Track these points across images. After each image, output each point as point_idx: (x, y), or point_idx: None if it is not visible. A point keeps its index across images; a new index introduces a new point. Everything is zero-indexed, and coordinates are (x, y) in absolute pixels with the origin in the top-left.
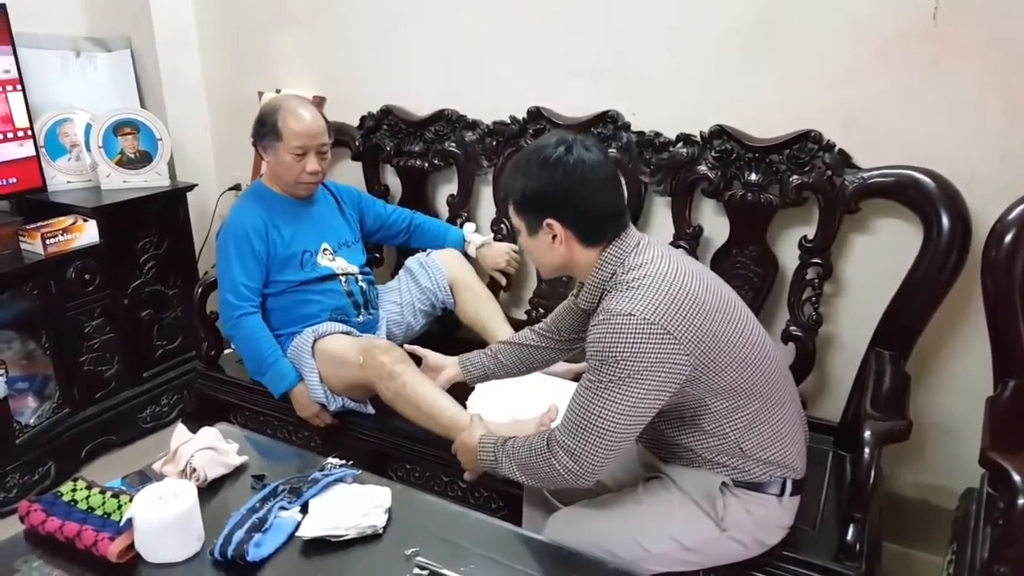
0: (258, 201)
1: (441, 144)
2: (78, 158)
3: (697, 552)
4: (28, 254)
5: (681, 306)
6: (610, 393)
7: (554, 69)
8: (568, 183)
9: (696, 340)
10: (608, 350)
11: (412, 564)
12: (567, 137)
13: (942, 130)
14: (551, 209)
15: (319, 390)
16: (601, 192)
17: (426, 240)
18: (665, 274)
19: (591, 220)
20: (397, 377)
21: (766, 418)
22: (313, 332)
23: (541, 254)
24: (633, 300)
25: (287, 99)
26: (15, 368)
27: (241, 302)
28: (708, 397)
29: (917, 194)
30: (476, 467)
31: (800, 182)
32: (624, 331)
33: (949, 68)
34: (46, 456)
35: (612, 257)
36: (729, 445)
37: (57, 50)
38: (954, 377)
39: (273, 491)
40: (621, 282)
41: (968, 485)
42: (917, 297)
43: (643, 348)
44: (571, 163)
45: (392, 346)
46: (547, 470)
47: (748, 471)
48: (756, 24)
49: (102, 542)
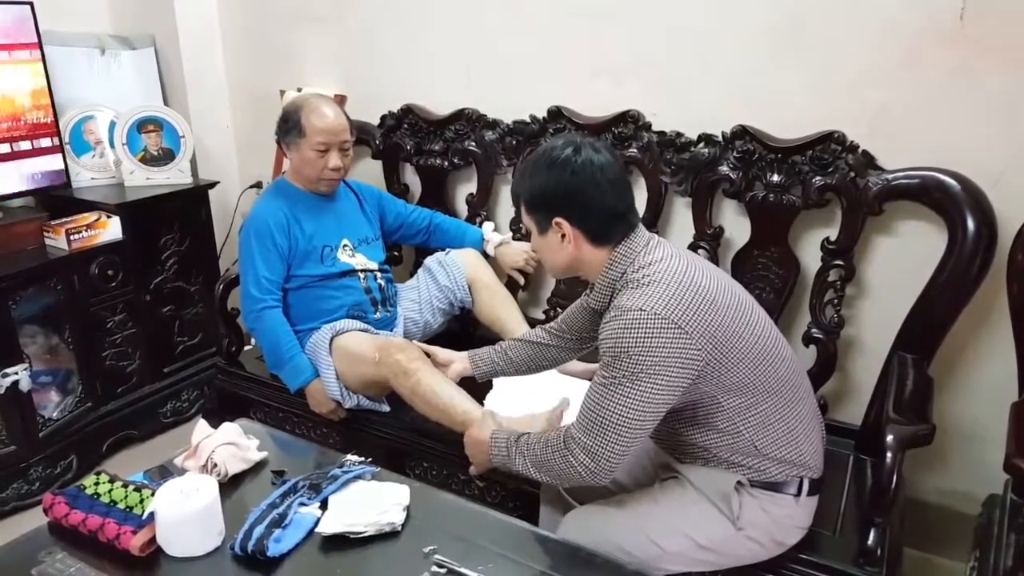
0: (281, 196)
1: (461, 143)
2: (102, 155)
3: (713, 551)
4: (52, 250)
5: (692, 301)
6: (624, 389)
7: (576, 68)
8: (576, 183)
9: (708, 335)
10: (620, 346)
11: (430, 562)
12: (575, 138)
13: (968, 132)
14: (559, 208)
15: (335, 387)
16: (609, 192)
17: (445, 240)
18: (675, 271)
19: (599, 220)
20: (412, 375)
21: (780, 416)
22: (331, 329)
23: (551, 254)
24: (644, 296)
25: (310, 97)
26: (39, 362)
27: (263, 295)
28: (721, 394)
29: (942, 196)
30: (485, 463)
31: (823, 183)
32: (636, 327)
33: (976, 69)
34: (69, 449)
35: (622, 256)
36: (743, 443)
37: (83, 48)
38: (978, 381)
39: (293, 487)
40: (632, 280)
41: (991, 491)
42: (941, 301)
43: (655, 343)
44: (579, 163)
45: (408, 344)
46: (563, 467)
47: (763, 470)
48: (783, 25)
49: (124, 535)
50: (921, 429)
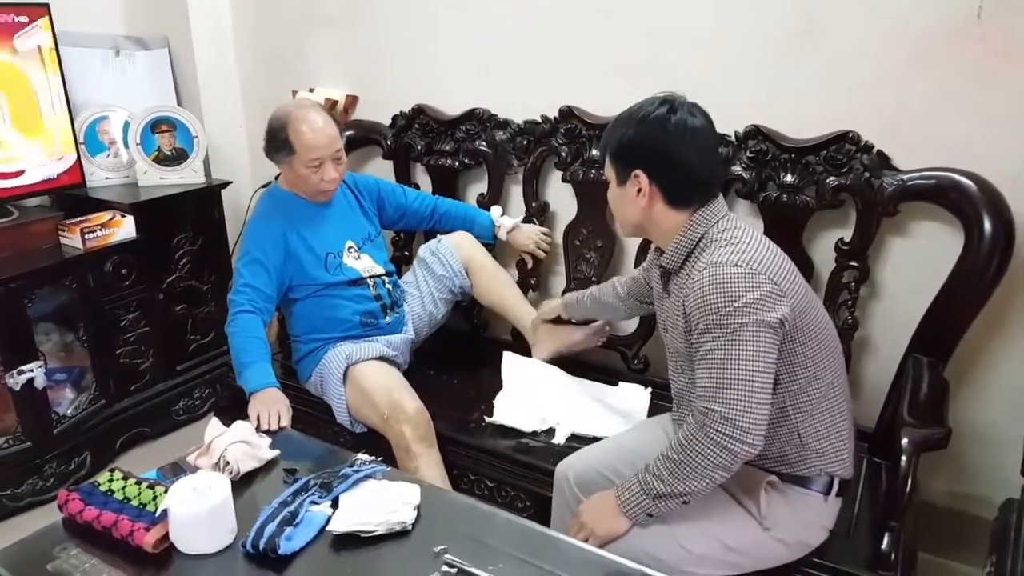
0: (276, 208)
1: (472, 143)
2: (116, 155)
3: (740, 553)
4: (67, 248)
5: (780, 264)
6: (737, 339)
7: (588, 68)
8: (664, 141)
9: (794, 298)
10: (719, 299)
11: (440, 562)
12: (673, 98)
13: (985, 132)
14: (641, 161)
15: (345, 416)
16: (695, 157)
17: (453, 226)
18: (760, 238)
19: (680, 181)
20: (414, 458)
21: (826, 407)
22: (346, 358)
23: (624, 207)
24: (736, 253)
25: (294, 110)
26: (53, 360)
27: (240, 299)
28: (783, 371)
29: (958, 197)
30: (612, 525)
31: (837, 184)
32: (733, 280)
33: (994, 69)
34: (82, 446)
35: (703, 219)
36: (787, 431)
37: (97, 48)
38: (994, 384)
39: (304, 485)
40: (718, 239)
41: (1008, 495)
42: (957, 303)
43: (756, 294)
44: (672, 122)
45: (419, 410)
46: (709, 454)
47: (800, 462)
48: (797, 24)
49: (137, 532)
50: (936, 432)
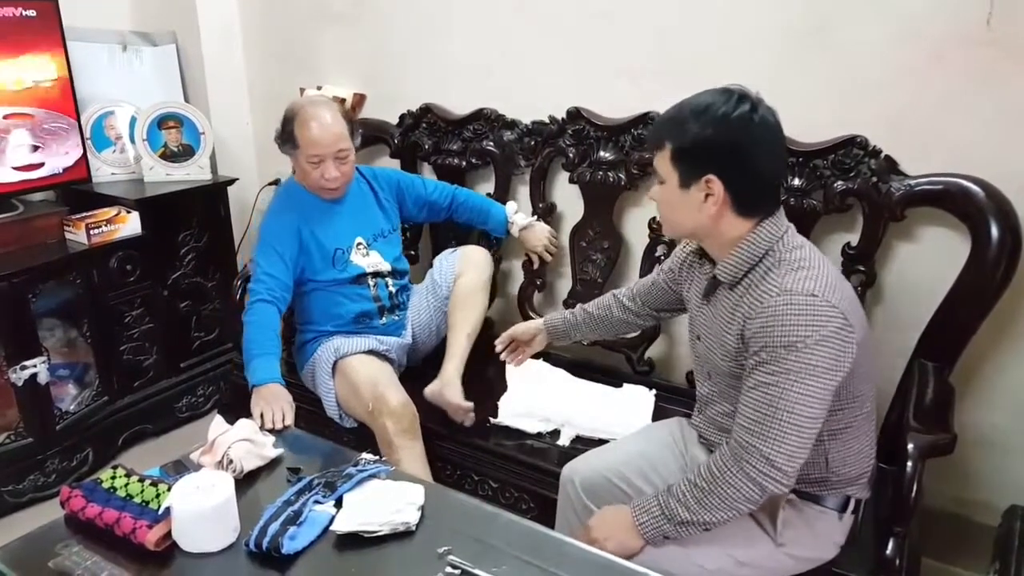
0: (290, 201)
1: (479, 143)
2: (122, 150)
3: (752, 567)
4: (72, 244)
5: (848, 294)
6: (805, 382)
7: (596, 69)
8: (747, 144)
9: (860, 327)
10: (792, 334)
11: (444, 562)
12: (749, 93)
13: (993, 137)
14: (716, 166)
15: (334, 409)
16: (777, 160)
17: (468, 216)
18: (826, 260)
19: (756, 187)
20: (395, 451)
21: (858, 433)
22: (335, 351)
23: (682, 211)
24: (811, 280)
25: (306, 104)
26: (57, 355)
27: (259, 288)
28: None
29: (966, 203)
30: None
31: (844, 188)
32: (809, 311)
33: (1003, 73)
34: (85, 443)
35: (768, 233)
36: (817, 455)
37: (104, 44)
38: (1000, 390)
39: (308, 484)
40: (786, 259)
41: (1013, 502)
42: (963, 308)
43: (829, 333)
44: (756, 122)
45: (403, 403)
46: (739, 487)
47: (819, 483)
48: (805, 27)
49: (140, 530)
50: (942, 438)
